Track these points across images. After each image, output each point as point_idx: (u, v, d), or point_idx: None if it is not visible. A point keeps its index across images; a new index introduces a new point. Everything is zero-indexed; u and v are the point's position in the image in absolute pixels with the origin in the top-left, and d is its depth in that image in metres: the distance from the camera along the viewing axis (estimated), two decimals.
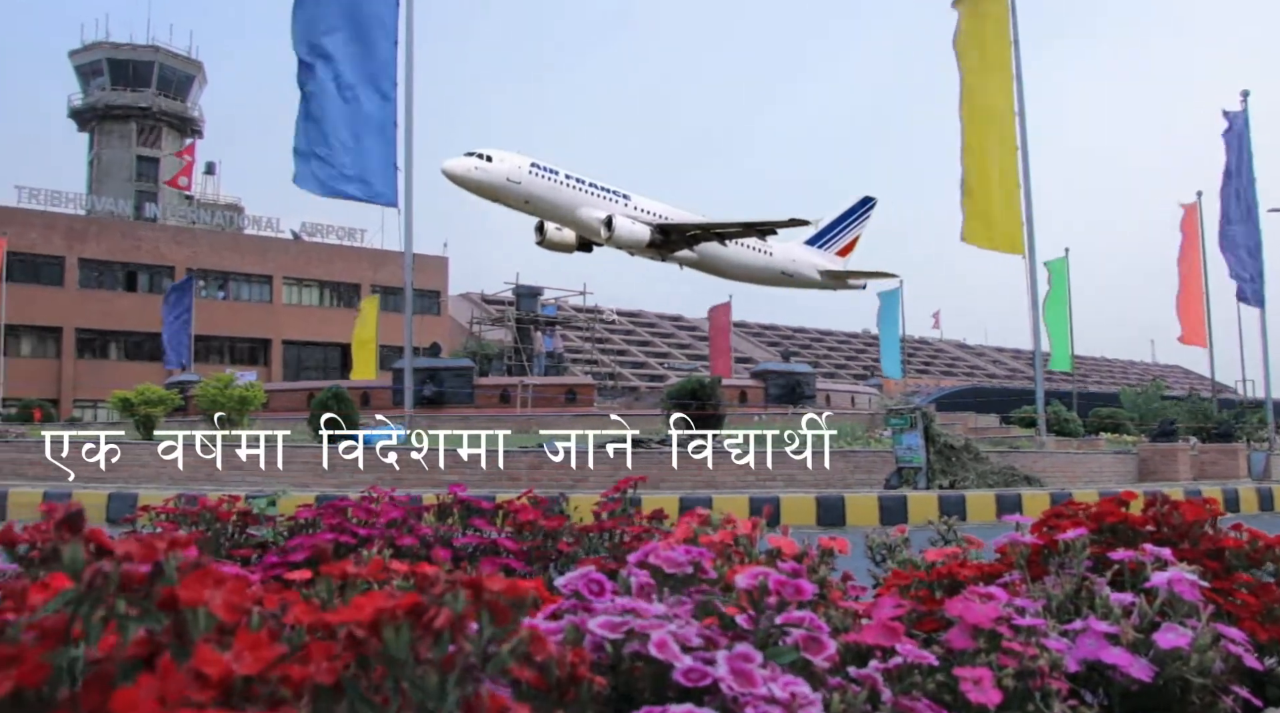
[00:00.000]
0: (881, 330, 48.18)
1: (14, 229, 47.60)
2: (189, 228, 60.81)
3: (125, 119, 68.47)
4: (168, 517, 2.22)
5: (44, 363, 53.95)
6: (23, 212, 53.75)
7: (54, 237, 54.43)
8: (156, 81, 68.92)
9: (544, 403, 30.18)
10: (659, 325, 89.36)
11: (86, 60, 68.82)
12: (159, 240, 58.30)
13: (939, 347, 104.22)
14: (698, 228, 35.94)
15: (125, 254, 56.98)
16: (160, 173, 68.06)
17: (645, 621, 1.11)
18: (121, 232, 57.50)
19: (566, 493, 2.45)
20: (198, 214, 63.32)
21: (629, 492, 2.09)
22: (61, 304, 54.03)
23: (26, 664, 0.63)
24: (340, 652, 0.70)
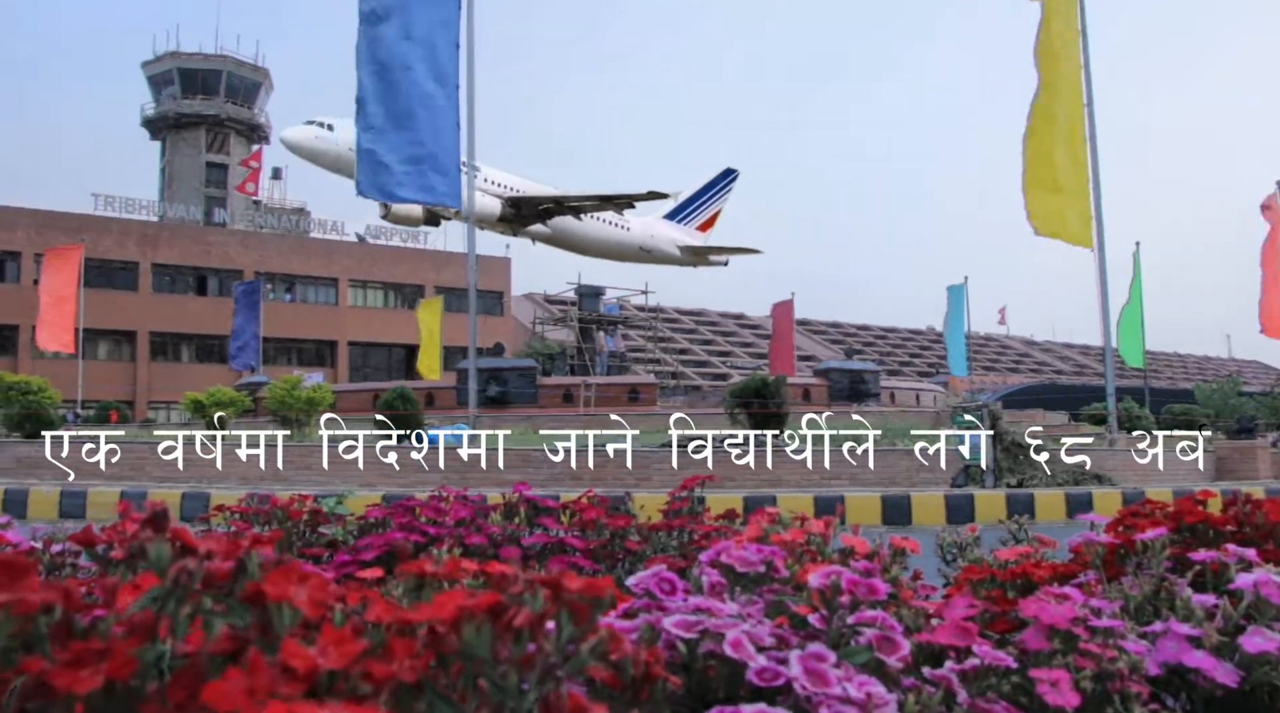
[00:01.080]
0: (947, 327, 47.55)
1: (91, 236, 48.80)
2: (256, 232, 61.94)
3: (195, 127, 69.94)
4: (242, 515, 2.26)
5: (120, 366, 55.26)
6: (99, 219, 55.13)
7: (128, 243, 55.76)
8: (225, 89, 70.32)
9: (607, 402, 30.24)
10: (721, 324, 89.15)
11: (158, 70, 70.44)
12: (228, 245, 59.44)
13: (1005, 343, 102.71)
14: (551, 201, 34.91)
15: (196, 259, 58.19)
16: (229, 179, 69.42)
17: (719, 620, 1.10)
18: (192, 237, 58.73)
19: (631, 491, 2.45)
20: (265, 218, 64.48)
21: (696, 490, 2.09)
22: (136, 308, 55.33)
23: (116, 659, 0.65)
24: (421, 650, 0.71)
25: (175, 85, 70.01)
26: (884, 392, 34.57)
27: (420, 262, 63.54)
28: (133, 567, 0.85)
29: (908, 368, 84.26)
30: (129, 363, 55.87)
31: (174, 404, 47.20)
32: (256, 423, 23.65)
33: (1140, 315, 37.21)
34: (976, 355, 73.02)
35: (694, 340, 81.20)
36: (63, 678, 0.64)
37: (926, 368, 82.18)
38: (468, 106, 15.83)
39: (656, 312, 62.21)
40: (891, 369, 74.71)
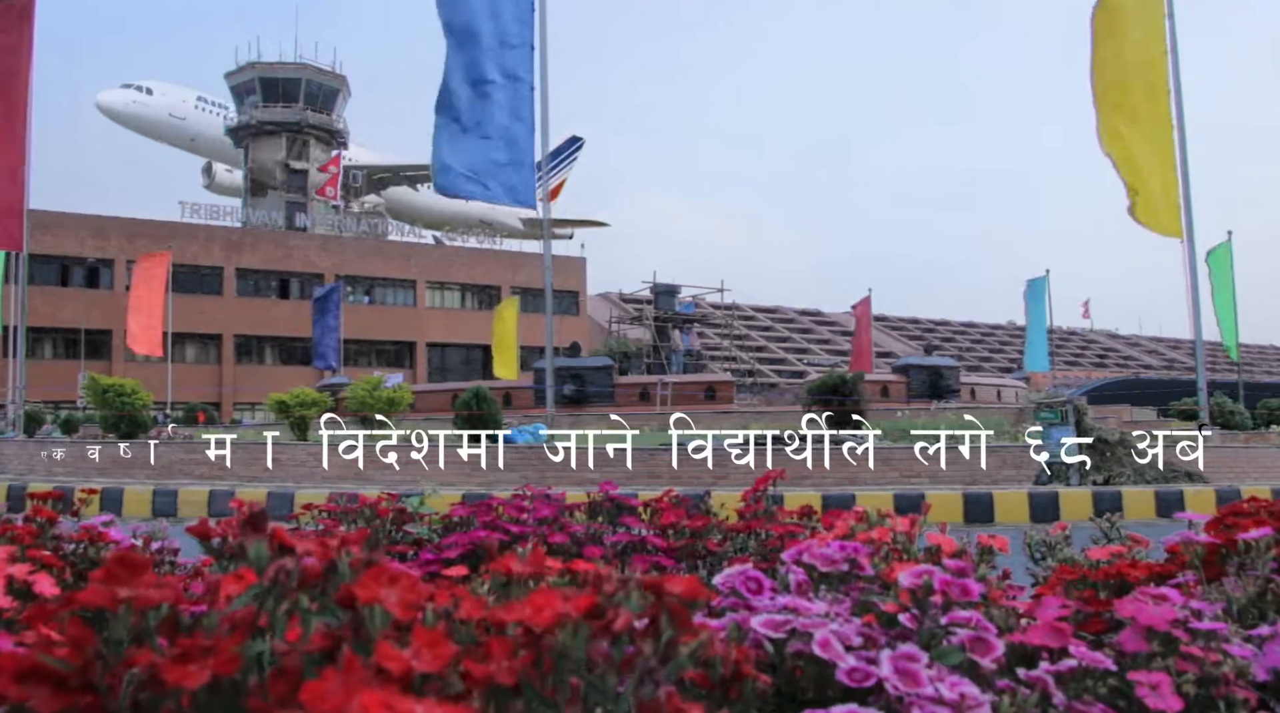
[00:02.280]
0: (1027, 321, 46.60)
1: (178, 242, 50.18)
2: (336, 236, 63.08)
3: (276, 134, 71.40)
4: (329, 514, 2.30)
5: (206, 368, 56.69)
6: (186, 226, 56.64)
7: (214, 248, 57.18)
8: (304, 97, 71.66)
9: (683, 400, 30.21)
10: (797, 321, 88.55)
11: (240, 80, 72.05)
12: (309, 249, 60.62)
13: (1089, 337, 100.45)
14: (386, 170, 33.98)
15: (278, 263, 59.45)
16: (309, 184, 70.79)
17: (807, 619, 1.09)
18: (274, 242, 60.01)
19: (709, 490, 2.44)
20: (344, 222, 65.61)
21: (770, 488, 2.07)
22: (221, 312, 56.72)
23: (222, 655, 0.67)
24: (519, 650, 0.71)
25: (257, 94, 71.56)
26: (964, 388, 34.02)
27: (496, 263, 64.16)
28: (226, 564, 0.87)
29: (988, 364, 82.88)
30: (215, 365, 57.27)
31: (258, 405, 48.33)
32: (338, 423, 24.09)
33: (1233, 307, 36.05)
34: (1059, 350, 71.59)
35: (770, 338, 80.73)
36: (173, 672, 0.65)
37: (1008, 364, 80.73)
38: (541, 108, 15.94)
39: (732, 309, 62.00)
40: (971, 365, 73.55)
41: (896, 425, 19.71)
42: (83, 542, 1.89)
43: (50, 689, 0.66)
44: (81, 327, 52.07)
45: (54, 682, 0.66)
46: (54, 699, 0.66)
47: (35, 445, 18.20)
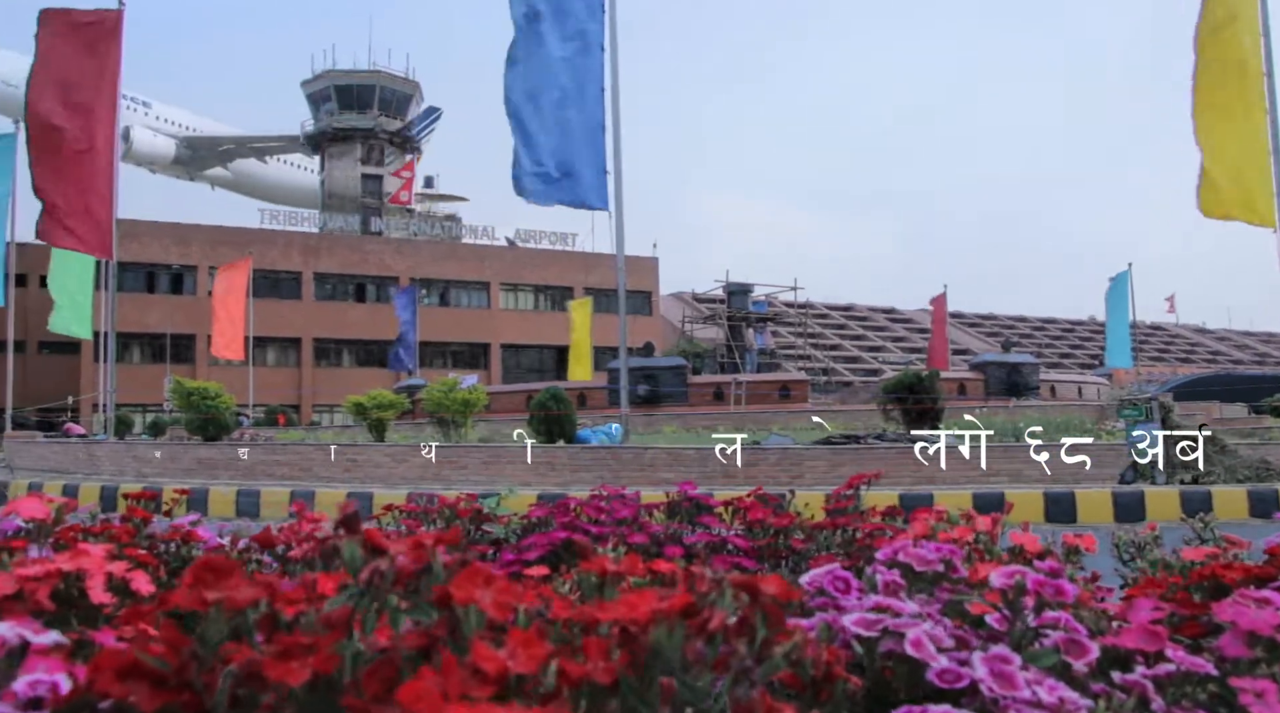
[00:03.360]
0: (1109, 316, 45.55)
1: (258, 248, 51.21)
2: (411, 240, 63.92)
3: (351, 140, 72.59)
4: (410, 514, 2.32)
5: (286, 371, 57.82)
6: (266, 232, 57.85)
7: (292, 253, 58.31)
8: (378, 103, 72.75)
9: (758, 400, 30.09)
10: (872, 318, 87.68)
11: (316, 88, 73.40)
12: (384, 253, 61.50)
13: (1175, 332, 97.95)
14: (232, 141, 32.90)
15: (354, 267, 60.41)
16: (383, 189, 71.88)
17: (899, 619, 1.08)
18: (350, 246, 60.99)
19: (793, 490, 2.42)
20: (419, 226, 66.50)
21: (863, 488, 2.05)
22: (300, 316, 57.82)
23: (321, 653, 0.67)
24: (614, 650, 0.71)
25: (332, 101, 72.83)
26: (1043, 385, 33.39)
27: (569, 264, 64.50)
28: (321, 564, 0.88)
29: (1068, 360, 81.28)
30: (294, 368, 58.37)
31: (337, 407, 49.14)
32: (415, 425, 24.42)
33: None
34: (1143, 346, 69.95)
35: (844, 336, 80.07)
36: (275, 670, 0.66)
37: (1089, 360, 79.07)
38: (612, 109, 15.97)
39: (806, 307, 61.69)
40: (1051, 362, 72.19)
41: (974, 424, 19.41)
42: (174, 541, 1.93)
43: (149, 687, 0.67)
44: (167, 332, 53.45)
45: (153, 680, 0.68)
46: (153, 697, 0.67)
47: (125, 447, 18.72)
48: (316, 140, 74.11)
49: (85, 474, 17.47)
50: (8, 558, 1.54)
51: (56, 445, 21.15)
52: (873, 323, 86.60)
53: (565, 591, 1.50)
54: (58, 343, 46.91)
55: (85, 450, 18.99)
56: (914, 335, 78.27)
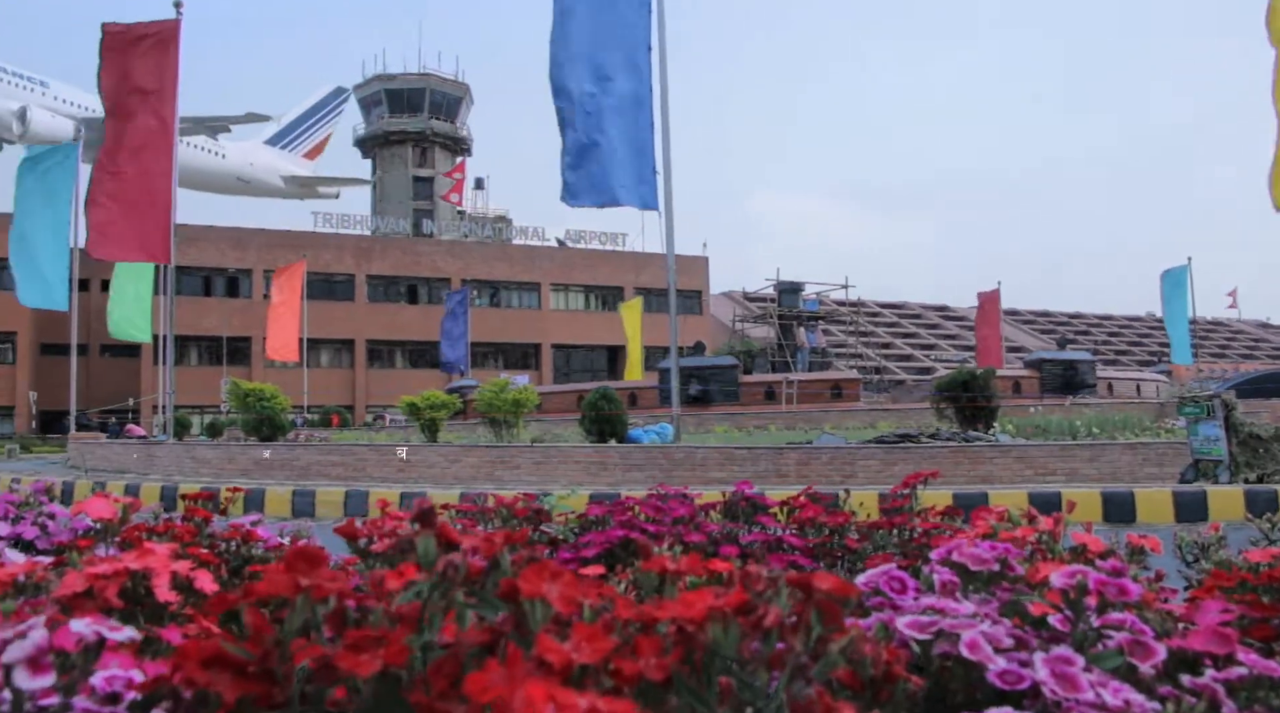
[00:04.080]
0: (1167, 312, 44.73)
1: (312, 251, 51.91)
2: (462, 241, 64.40)
3: (401, 143, 73.38)
4: (467, 514, 2.34)
5: (340, 372, 58.52)
6: (319, 235, 58.59)
7: (345, 256, 58.99)
8: (428, 106, 73.49)
9: (809, 399, 29.95)
10: (924, 316, 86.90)
11: (367, 93, 74.32)
12: (435, 254, 62.03)
13: (1237, 328, 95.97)
14: None
15: (406, 269, 60.98)
16: (435, 191, 72.55)
17: (955, 620, 1.07)
18: (402, 248, 61.59)
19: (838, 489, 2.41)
20: (470, 227, 66.98)
21: (919, 487, 2.03)
22: (353, 318, 58.49)
23: (392, 646, 0.69)
24: (669, 647, 0.71)
25: (383, 105, 73.67)
26: (1100, 382, 32.89)
27: (619, 264, 64.64)
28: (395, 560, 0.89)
29: (1126, 357, 79.94)
30: (348, 369, 59.04)
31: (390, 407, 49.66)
32: (468, 425, 24.61)
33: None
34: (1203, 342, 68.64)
35: (896, 334, 79.45)
36: (347, 662, 0.68)
37: (1148, 356, 77.72)
38: (661, 108, 15.96)
39: (857, 306, 61.28)
40: (1108, 359, 71.08)
41: (1029, 422, 19.19)
42: (234, 540, 1.97)
43: (231, 677, 0.69)
44: (223, 334, 54.31)
45: (235, 670, 0.69)
46: (235, 686, 0.69)
47: (184, 448, 19.05)
48: (368, 144, 75.01)
49: (145, 474, 17.80)
50: (78, 556, 1.58)
51: (118, 446, 21.58)
52: (925, 321, 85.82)
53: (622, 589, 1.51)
54: (118, 346, 47.85)
55: (145, 451, 19.35)
56: (967, 333, 77.38)
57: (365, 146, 75.78)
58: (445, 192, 70.70)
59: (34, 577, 1.34)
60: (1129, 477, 12.80)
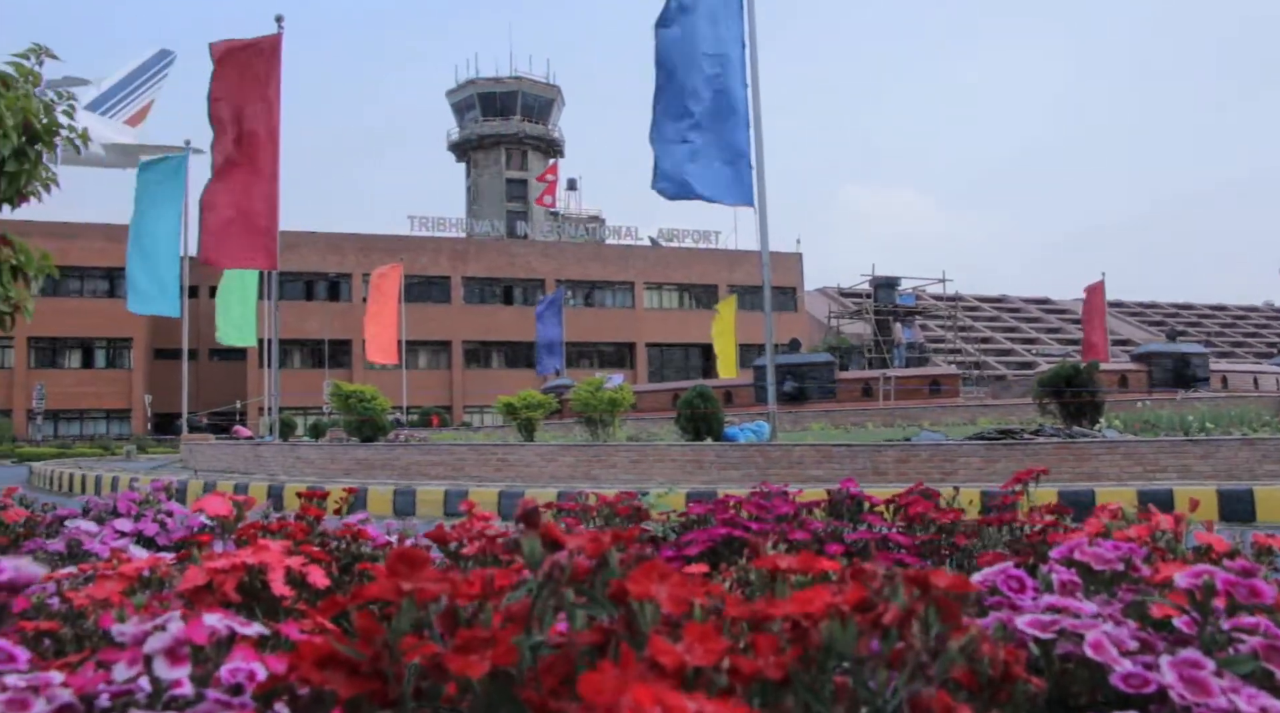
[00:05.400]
0: None
1: (408, 255, 52.85)
2: (556, 242, 64.98)
3: (495, 146, 74.38)
4: (569, 512, 2.35)
5: (437, 374, 59.50)
6: (415, 239, 59.68)
7: (441, 259, 59.98)
8: (520, 109, 74.38)
9: (907, 395, 29.54)
10: (1025, 310, 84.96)
11: (460, 97, 75.56)
12: (529, 255, 62.68)
13: None
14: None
15: (501, 270, 61.76)
16: (528, 193, 73.36)
17: (1078, 620, 1.03)
18: (497, 250, 62.38)
19: (957, 487, 2.36)
20: (563, 228, 67.55)
21: (1031, 485, 1.98)
22: (450, 320, 59.44)
23: (500, 647, 0.69)
24: (785, 646, 0.70)
25: (476, 109, 74.79)
26: (1214, 376, 31.78)
27: (712, 262, 64.57)
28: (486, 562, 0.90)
29: (1241, 349, 77.13)
30: (445, 371, 60.00)
31: (487, 408, 50.34)
32: (563, 424, 24.81)
33: None
34: None
35: (996, 328, 77.83)
36: (456, 662, 0.68)
37: (1266, 348, 74.85)
38: (753, 103, 15.87)
39: (955, 300, 60.26)
40: (1222, 351, 68.70)
41: (1138, 417, 18.63)
42: (344, 538, 2.01)
43: (345, 676, 0.70)
44: (325, 337, 55.66)
45: (348, 669, 0.70)
46: (348, 685, 0.70)
47: (289, 448, 19.55)
48: (461, 147, 76.19)
49: (252, 474, 18.32)
50: (198, 552, 1.63)
51: (227, 447, 22.25)
52: (1026, 314, 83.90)
53: (726, 588, 1.49)
54: (226, 350, 49.34)
55: (253, 451, 19.91)
56: (1070, 326, 75.49)
57: (459, 151, 77.00)
58: (539, 194, 71.43)
59: (158, 572, 1.39)
60: (1246, 474, 12.33)
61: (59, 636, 1.26)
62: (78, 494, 18.07)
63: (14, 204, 3.08)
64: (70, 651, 1.24)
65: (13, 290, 2.85)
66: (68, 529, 2.18)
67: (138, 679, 0.86)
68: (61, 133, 3.14)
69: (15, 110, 2.88)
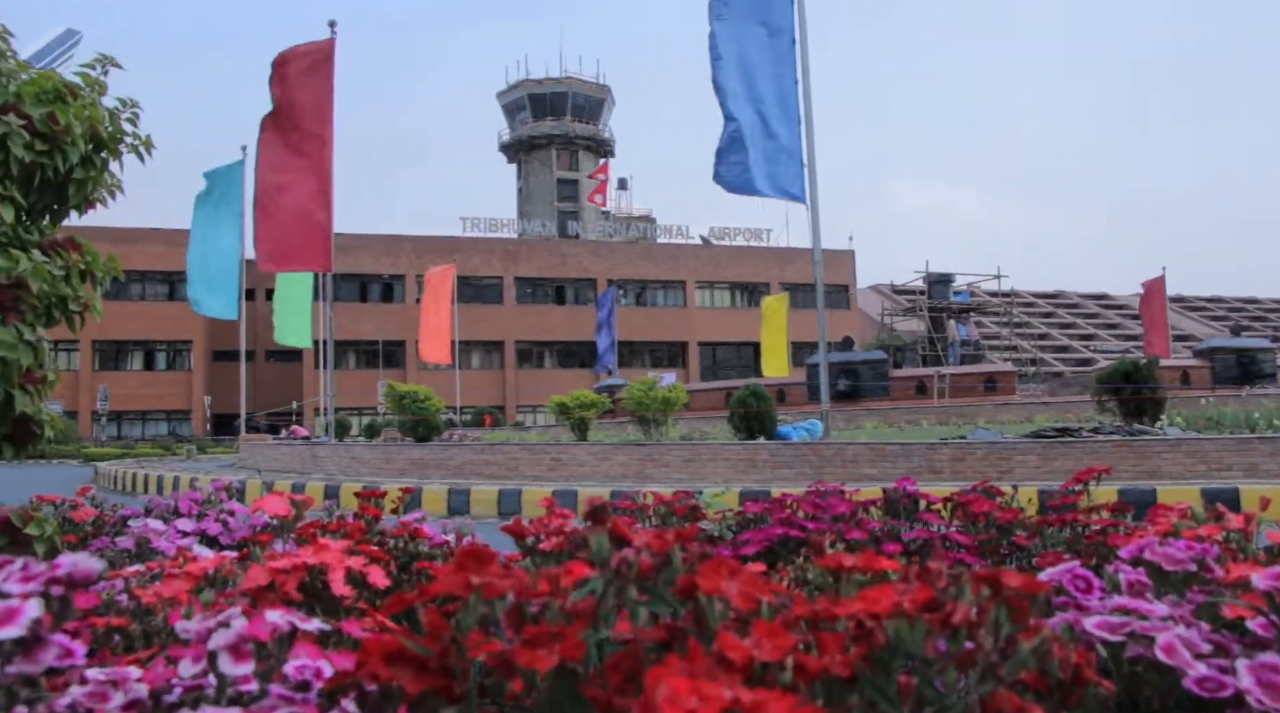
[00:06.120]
0: None
1: (461, 256, 53.23)
2: (607, 241, 65.10)
3: (545, 147, 74.71)
4: (625, 511, 2.36)
5: (490, 374, 59.87)
6: (467, 240, 60.11)
7: (493, 259, 60.35)
8: (571, 109, 74.65)
9: (962, 393, 29.22)
10: (1082, 306, 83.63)
11: (511, 99, 76.02)
12: (581, 255, 62.85)
13: None
14: None
15: (553, 270, 62.00)
16: (579, 192, 73.60)
17: (1148, 622, 1.01)
18: (548, 250, 62.63)
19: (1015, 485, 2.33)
20: (614, 228, 67.67)
21: (1092, 484, 1.95)
22: (502, 320, 59.79)
23: (568, 642, 0.69)
24: (852, 644, 0.70)
25: (526, 110, 75.20)
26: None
27: (764, 260, 64.36)
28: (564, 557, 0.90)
29: None
30: (498, 370, 60.35)
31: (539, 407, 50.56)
32: (616, 424, 24.85)
33: None
34: None
35: (1052, 324, 76.69)
36: (524, 657, 0.68)
37: None
38: (804, 99, 15.80)
39: (1011, 296, 59.52)
40: None
41: (1200, 414, 18.27)
42: (402, 537, 2.02)
43: (412, 672, 0.70)
44: (379, 338, 56.24)
45: (415, 665, 0.71)
46: (416, 681, 0.70)
47: (344, 448, 19.78)
48: (512, 148, 76.65)
49: (309, 474, 18.55)
50: (260, 551, 1.65)
51: (284, 447, 22.56)
52: (1083, 310, 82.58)
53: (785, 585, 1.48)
54: (282, 352, 50.03)
55: (309, 451, 20.17)
56: (1129, 322, 74.19)
57: (510, 151, 77.47)
58: (589, 193, 71.64)
59: (222, 571, 1.41)
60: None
61: (128, 632, 1.28)
62: (140, 494, 18.43)
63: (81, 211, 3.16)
64: (139, 647, 1.27)
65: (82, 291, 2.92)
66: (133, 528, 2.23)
67: (205, 675, 0.87)
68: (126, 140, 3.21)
69: (83, 119, 2.95)
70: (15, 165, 2.77)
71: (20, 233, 2.88)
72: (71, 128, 2.90)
